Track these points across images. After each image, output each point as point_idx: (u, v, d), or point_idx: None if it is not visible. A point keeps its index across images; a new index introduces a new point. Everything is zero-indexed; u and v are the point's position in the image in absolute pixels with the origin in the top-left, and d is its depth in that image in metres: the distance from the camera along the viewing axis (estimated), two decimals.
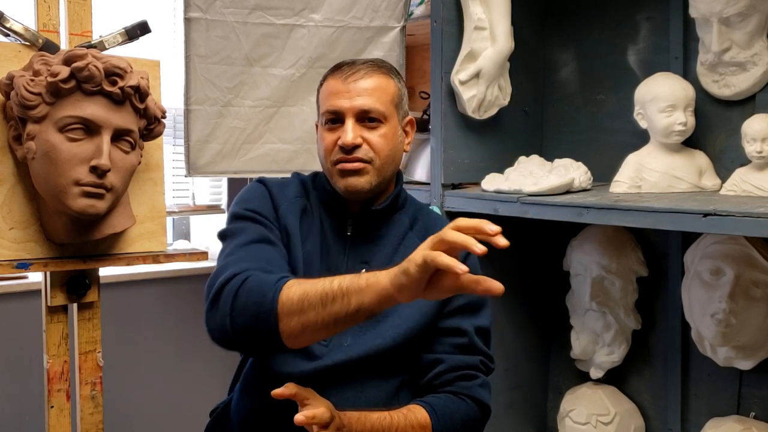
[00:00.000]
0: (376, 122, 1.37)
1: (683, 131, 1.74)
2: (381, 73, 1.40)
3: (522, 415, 2.21)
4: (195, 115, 1.97)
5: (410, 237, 1.43)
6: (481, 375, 1.39)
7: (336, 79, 1.39)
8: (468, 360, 1.38)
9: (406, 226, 1.45)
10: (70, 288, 1.67)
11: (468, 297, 1.38)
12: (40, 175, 1.53)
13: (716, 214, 1.37)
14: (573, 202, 1.63)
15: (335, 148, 1.36)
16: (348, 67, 1.39)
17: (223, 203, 2.82)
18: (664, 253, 1.96)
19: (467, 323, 1.38)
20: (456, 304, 1.39)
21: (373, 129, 1.37)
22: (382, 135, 1.37)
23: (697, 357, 1.86)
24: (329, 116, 1.38)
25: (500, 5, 1.89)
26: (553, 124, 2.22)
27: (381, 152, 1.37)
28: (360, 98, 1.36)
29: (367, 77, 1.37)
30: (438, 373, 1.37)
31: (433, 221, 1.48)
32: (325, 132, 1.39)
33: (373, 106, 1.36)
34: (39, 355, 1.71)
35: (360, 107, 1.36)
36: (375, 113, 1.37)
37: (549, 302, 2.22)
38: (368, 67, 1.39)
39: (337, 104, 1.36)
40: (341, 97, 1.36)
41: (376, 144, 1.36)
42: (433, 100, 1.98)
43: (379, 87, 1.38)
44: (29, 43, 1.62)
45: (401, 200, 1.47)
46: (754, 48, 1.69)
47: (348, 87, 1.36)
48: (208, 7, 1.94)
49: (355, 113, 1.36)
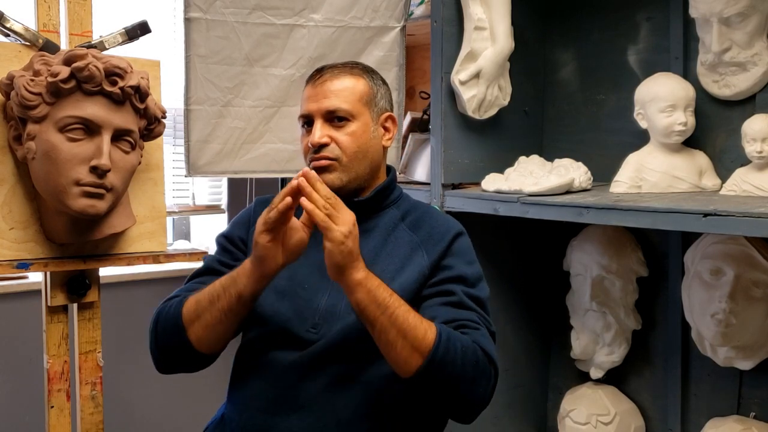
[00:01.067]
0: (344, 121, 1.43)
1: (683, 131, 1.74)
2: (350, 74, 1.46)
3: (522, 415, 2.21)
4: (195, 115, 1.96)
5: (401, 228, 1.45)
6: (480, 328, 1.31)
7: (309, 84, 1.47)
8: (462, 314, 1.32)
9: (396, 218, 1.47)
10: (70, 288, 1.67)
11: (458, 270, 1.37)
12: (41, 175, 1.52)
13: (716, 214, 1.37)
14: (573, 202, 1.63)
15: (309, 149, 1.43)
16: (318, 73, 1.47)
17: (223, 203, 2.82)
18: (664, 253, 1.96)
19: (458, 288, 1.35)
20: (444, 275, 1.38)
21: (340, 128, 1.43)
22: (349, 133, 1.42)
23: (697, 357, 1.86)
24: (303, 120, 1.46)
25: (500, 5, 1.89)
26: (553, 124, 2.22)
27: (348, 149, 1.42)
28: (326, 100, 1.42)
29: (333, 79, 1.44)
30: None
31: (424, 213, 1.49)
32: (302, 136, 1.47)
33: (339, 106, 1.42)
34: (39, 355, 1.71)
35: (326, 108, 1.42)
36: (341, 112, 1.42)
37: (549, 302, 2.22)
38: (337, 70, 1.46)
39: (307, 108, 1.44)
40: (311, 100, 1.44)
41: (343, 141, 1.42)
42: (433, 100, 1.98)
43: (345, 87, 1.44)
44: (29, 43, 1.62)
45: (392, 195, 1.50)
46: (754, 48, 1.69)
47: (316, 90, 1.44)
48: (208, 7, 1.94)
49: (322, 114, 1.42)
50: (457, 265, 1.39)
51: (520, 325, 2.17)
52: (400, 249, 1.41)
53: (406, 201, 1.52)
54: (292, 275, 1.41)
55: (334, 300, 1.38)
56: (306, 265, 1.40)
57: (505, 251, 2.11)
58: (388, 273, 1.37)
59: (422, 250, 1.40)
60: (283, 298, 1.40)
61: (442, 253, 1.40)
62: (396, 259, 1.40)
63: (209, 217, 2.86)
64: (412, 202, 1.53)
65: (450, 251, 1.41)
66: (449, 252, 1.41)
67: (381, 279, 1.32)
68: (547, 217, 1.69)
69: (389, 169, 1.54)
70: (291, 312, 1.38)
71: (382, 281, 1.30)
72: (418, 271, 1.38)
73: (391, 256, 1.41)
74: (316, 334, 1.35)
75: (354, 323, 1.32)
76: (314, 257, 1.39)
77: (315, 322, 1.37)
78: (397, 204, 1.50)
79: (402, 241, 1.43)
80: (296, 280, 1.41)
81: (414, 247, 1.41)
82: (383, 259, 1.40)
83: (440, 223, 1.46)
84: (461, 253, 1.42)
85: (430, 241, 1.42)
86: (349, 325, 1.34)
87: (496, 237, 2.06)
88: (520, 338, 2.17)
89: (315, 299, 1.39)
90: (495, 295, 2.06)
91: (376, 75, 1.51)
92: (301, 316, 1.38)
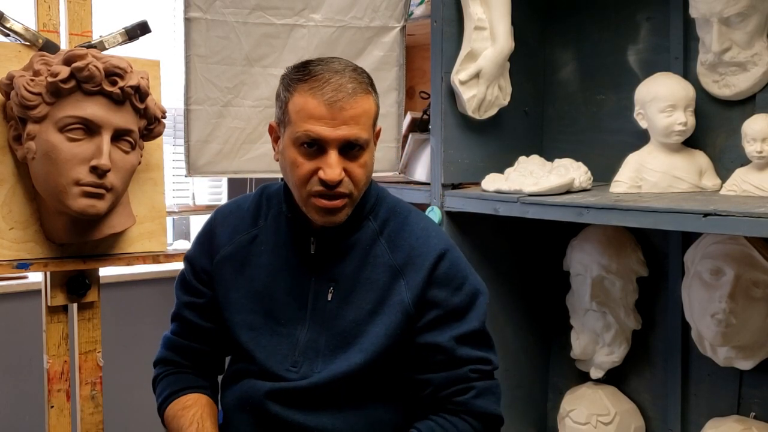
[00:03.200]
0: (358, 149, 1.27)
1: (683, 131, 1.74)
2: (365, 93, 1.27)
3: (522, 415, 2.21)
4: (195, 115, 1.96)
5: (379, 244, 1.35)
6: (475, 384, 1.31)
7: (318, 100, 1.23)
8: (454, 375, 1.31)
9: (374, 232, 1.36)
10: (70, 288, 1.67)
11: (446, 306, 1.32)
12: (40, 175, 1.53)
13: (716, 214, 1.37)
14: (573, 202, 1.63)
15: (313, 178, 1.25)
16: (331, 88, 1.23)
17: (222, 203, 2.82)
18: (664, 253, 1.96)
19: (444, 336, 1.31)
20: (432, 315, 1.32)
21: (354, 159, 1.27)
22: (362, 164, 1.28)
23: (697, 357, 1.86)
24: (306, 140, 1.24)
25: (500, 5, 1.89)
26: (553, 124, 2.22)
27: (360, 183, 1.29)
28: (346, 127, 1.23)
29: (352, 101, 1.24)
30: (429, 395, 1.33)
31: (403, 224, 1.37)
32: (298, 156, 1.26)
33: (359, 135, 1.25)
34: (39, 355, 1.72)
35: (345, 138, 1.24)
36: (360, 141, 1.26)
37: (549, 302, 2.22)
38: (352, 88, 1.25)
39: (319, 132, 1.23)
40: (324, 123, 1.23)
41: (357, 175, 1.27)
42: (433, 100, 1.98)
43: (364, 112, 1.26)
44: (29, 43, 1.62)
45: (367, 206, 1.37)
46: (754, 48, 1.69)
47: (333, 114, 1.22)
48: (208, 7, 1.94)
49: (339, 144, 1.24)
50: (443, 299, 1.31)
51: (520, 325, 2.17)
52: (378, 275, 1.33)
53: (382, 206, 1.40)
54: (266, 310, 1.36)
55: (313, 334, 1.33)
56: (280, 295, 1.36)
57: (505, 251, 2.11)
58: (368, 305, 1.32)
59: (403, 279, 1.31)
60: (260, 336, 1.36)
61: (425, 282, 1.31)
62: (375, 287, 1.32)
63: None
64: (390, 206, 1.40)
65: (434, 280, 1.31)
66: (433, 281, 1.31)
67: (359, 312, 1.31)
68: (547, 217, 1.68)
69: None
70: (268, 351, 1.34)
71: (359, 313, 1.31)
72: (401, 310, 1.30)
73: (369, 283, 1.32)
74: (296, 372, 1.32)
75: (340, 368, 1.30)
76: (286, 283, 1.36)
77: (295, 359, 1.33)
78: (374, 213, 1.38)
79: (380, 263, 1.33)
80: (272, 316, 1.36)
81: (393, 274, 1.32)
82: (361, 285, 1.33)
83: (420, 242, 1.34)
84: (446, 279, 1.32)
85: (411, 266, 1.32)
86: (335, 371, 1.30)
87: (496, 237, 2.06)
88: (520, 338, 2.17)
89: (293, 334, 1.34)
90: (495, 296, 2.07)
91: (374, 86, 1.34)
92: (280, 353, 1.34)
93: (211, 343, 1.45)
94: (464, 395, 1.31)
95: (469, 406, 1.31)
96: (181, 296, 1.47)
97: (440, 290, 1.32)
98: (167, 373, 1.46)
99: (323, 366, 1.31)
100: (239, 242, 1.41)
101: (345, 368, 1.30)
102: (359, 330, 1.31)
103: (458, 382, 1.31)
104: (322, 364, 1.31)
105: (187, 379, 1.44)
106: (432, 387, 1.32)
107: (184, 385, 1.43)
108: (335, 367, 1.30)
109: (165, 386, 1.44)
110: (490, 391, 1.34)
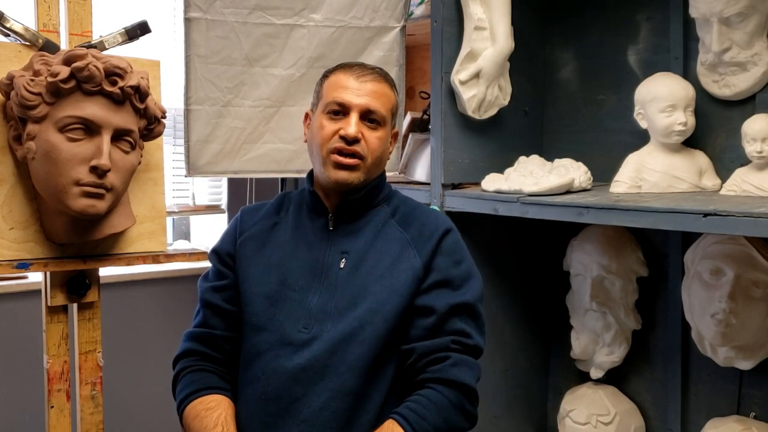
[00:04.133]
0: (376, 124, 1.46)
1: (683, 131, 1.74)
2: (387, 83, 1.50)
3: (522, 415, 2.21)
4: (195, 115, 1.96)
5: (390, 224, 1.47)
6: (452, 354, 1.36)
7: (348, 75, 1.47)
8: (436, 343, 1.37)
9: (387, 215, 1.49)
10: (70, 288, 1.67)
11: (444, 273, 1.41)
12: (40, 175, 1.52)
13: (716, 214, 1.37)
14: (573, 202, 1.63)
15: (334, 136, 1.43)
16: (360, 68, 1.49)
17: (223, 203, 2.82)
18: (664, 253, 1.96)
19: (441, 301, 1.38)
20: (432, 279, 1.41)
21: (372, 129, 1.45)
22: (378, 137, 1.46)
23: (697, 357, 1.86)
24: (334, 107, 1.45)
25: (500, 5, 1.89)
26: (553, 124, 2.22)
27: (374, 152, 1.45)
28: (368, 97, 1.44)
29: (376, 82, 1.47)
30: (411, 364, 1.38)
31: (414, 209, 1.52)
32: (325, 120, 1.45)
33: (378, 108, 1.45)
34: (39, 355, 1.71)
35: (366, 105, 1.44)
36: (377, 115, 1.45)
37: (549, 302, 2.22)
38: (377, 73, 1.49)
39: (346, 98, 1.44)
40: (350, 92, 1.44)
41: (372, 143, 1.44)
42: (433, 100, 1.98)
43: (384, 93, 1.48)
44: (29, 43, 1.62)
45: (382, 193, 1.52)
46: (754, 48, 1.69)
47: (359, 85, 1.45)
48: (208, 7, 1.94)
49: (361, 110, 1.44)
50: (443, 267, 1.42)
51: (520, 325, 2.17)
52: (390, 246, 1.44)
53: (395, 198, 1.55)
54: (282, 279, 1.44)
55: (324, 299, 1.40)
56: (296, 266, 1.45)
57: (505, 251, 2.11)
58: (378, 270, 1.41)
59: (413, 248, 1.43)
60: (275, 304, 1.42)
61: (432, 251, 1.42)
62: (386, 256, 1.42)
63: (209, 217, 2.86)
64: (402, 198, 1.56)
65: (439, 250, 1.43)
66: (438, 250, 1.43)
67: (368, 277, 1.40)
68: (547, 217, 1.69)
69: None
70: (283, 316, 1.40)
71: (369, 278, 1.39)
72: (412, 273, 1.40)
73: (380, 253, 1.43)
74: (307, 333, 1.37)
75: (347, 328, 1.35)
76: (303, 256, 1.46)
77: (306, 321, 1.39)
78: (387, 201, 1.52)
79: (392, 238, 1.45)
80: (287, 284, 1.43)
81: (404, 245, 1.44)
82: (372, 256, 1.43)
83: (430, 220, 1.48)
84: (449, 251, 1.44)
85: (420, 238, 1.44)
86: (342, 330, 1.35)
87: (496, 237, 2.06)
88: (520, 338, 2.17)
89: (306, 300, 1.41)
90: (495, 295, 2.07)
91: (398, 91, 1.56)
92: (294, 318, 1.40)
93: (234, 328, 1.48)
94: (440, 363, 1.36)
95: (443, 374, 1.35)
96: (204, 285, 1.53)
97: (443, 259, 1.43)
98: (191, 369, 1.47)
99: (332, 325, 1.36)
100: (262, 226, 1.53)
101: (351, 327, 1.35)
102: (368, 291, 1.39)
103: (437, 351, 1.36)
104: (332, 323, 1.37)
105: (210, 379, 1.45)
106: (414, 355, 1.37)
107: (207, 384, 1.44)
108: (343, 326, 1.36)
109: (187, 383, 1.44)
110: (465, 364, 1.38)
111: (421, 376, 1.37)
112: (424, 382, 1.36)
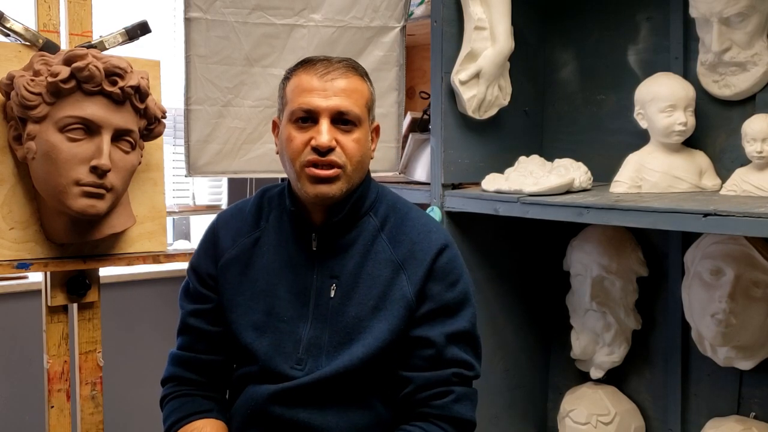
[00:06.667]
0: (350, 125, 1.31)
1: (683, 131, 1.74)
2: (357, 75, 1.34)
3: (522, 415, 2.21)
4: (195, 115, 1.96)
5: (380, 240, 1.36)
6: (454, 389, 1.32)
7: (310, 75, 1.30)
8: (437, 375, 1.31)
9: (375, 228, 1.37)
10: (70, 288, 1.67)
11: (439, 301, 1.33)
12: (41, 175, 1.53)
13: (716, 214, 1.37)
14: (573, 202, 1.63)
15: (306, 148, 1.28)
16: (323, 65, 1.31)
17: (223, 203, 2.82)
18: (664, 253, 1.96)
19: (436, 331, 1.31)
20: (425, 309, 1.33)
21: (347, 132, 1.30)
22: (355, 140, 1.30)
23: (697, 357, 1.86)
24: (300, 114, 1.29)
25: (500, 5, 1.89)
26: (553, 124, 2.22)
27: (353, 158, 1.30)
28: (337, 98, 1.28)
29: (343, 77, 1.31)
30: (408, 394, 1.33)
31: (404, 219, 1.39)
32: (293, 131, 1.30)
33: (350, 108, 1.29)
34: (39, 355, 1.72)
35: (336, 107, 1.28)
36: (351, 116, 1.30)
37: (549, 302, 2.22)
38: (344, 66, 1.32)
39: (312, 102, 1.28)
40: (316, 95, 1.28)
41: (350, 149, 1.30)
42: (433, 100, 1.98)
43: (356, 89, 1.31)
44: (29, 43, 1.62)
45: (367, 201, 1.39)
46: (754, 48, 1.69)
47: (324, 85, 1.29)
48: (208, 7, 1.94)
49: (331, 113, 1.28)
50: (437, 294, 1.33)
51: (520, 325, 2.17)
52: (380, 271, 1.34)
53: (383, 203, 1.41)
54: (269, 309, 1.36)
55: (317, 331, 1.33)
56: (283, 293, 1.36)
57: (505, 251, 2.11)
58: (370, 300, 1.32)
59: (404, 273, 1.33)
60: (263, 335, 1.35)
61: (425, 276, 1.33)
62: (377, 282, 1.33)
63: (209, 217, 2.86)
64: (391, 203, 1.42)
65: (432, 274, 1.33)
66: (431, 275, 1.33)
67: (361, 307, 1.32)
68: (547, 217, 1.68)
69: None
70: (272, 349, 1.34)
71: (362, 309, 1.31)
72: (404, 304, 1.32)
73: (371, 278, 1.33)
74: (301, 370, 1.32)
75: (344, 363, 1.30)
76: (289, 280, 1.36)
77: (299, 357, 1.33)
78: (374, 209, 1.39)
79: (382, 259, 1.34)
80: (274, 313, 1.35)
81: (395, 269, 1.34)
82: (364, 281, 1.34)
83: (421, 237, 1.36)
84: (443, 273, 1.34)
85: (412, 261, 1.33)
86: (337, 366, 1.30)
87: (496, 237, 2.06)
88: (520, 338, 2.17)
89: (296, 332, 1.34)
90: (495, 296, 2.07)
91: (371, 80, 1.40)
92: (284, 352, 1.33)
93: (219, 350, 1.42)
94: (443, 399, 1.31)
95: (446, 410, 1.31)
96: (186, 306, 1.45)
97: (436, 284, 1.33)
98: (175, 395, 1.41)
99: (327, 362, 1.31)
100: (242, 245, 1.41)
101: (348, 363, 1.30)
102: (362, 326, 1.31)
103: (439, 385, 1.32)
104: (326, 360, 1.31)
105: (194, 404, 1.39)
106: (413, 386, 1.32)
107: (191, 410, 1.38)
108: (339, 362, 1.30)
109: (171, 410, 1.39)
110: (468, 398, 1.35)
111: (422, 410, 1.32)
112: (426, 416, 1.32)
